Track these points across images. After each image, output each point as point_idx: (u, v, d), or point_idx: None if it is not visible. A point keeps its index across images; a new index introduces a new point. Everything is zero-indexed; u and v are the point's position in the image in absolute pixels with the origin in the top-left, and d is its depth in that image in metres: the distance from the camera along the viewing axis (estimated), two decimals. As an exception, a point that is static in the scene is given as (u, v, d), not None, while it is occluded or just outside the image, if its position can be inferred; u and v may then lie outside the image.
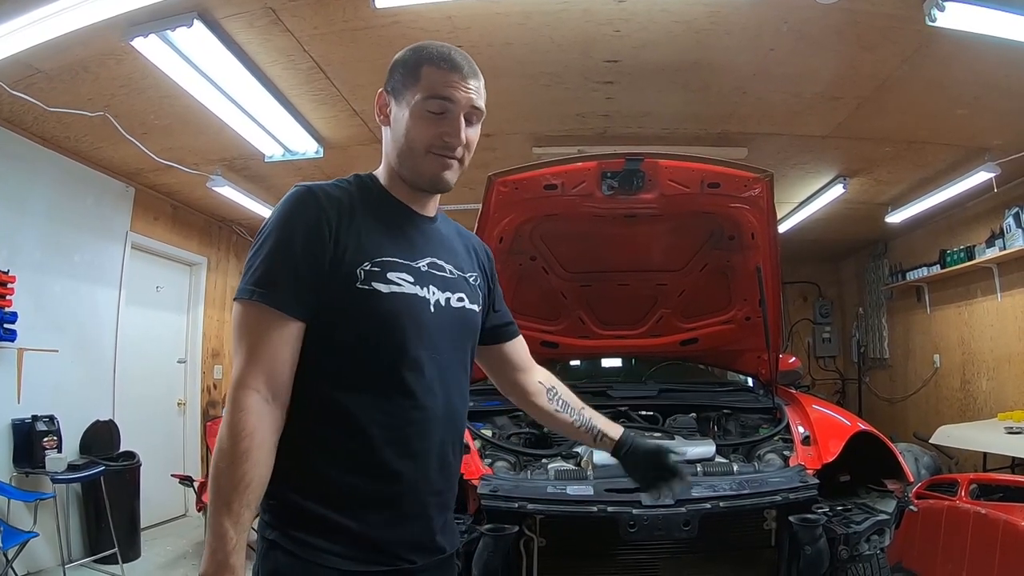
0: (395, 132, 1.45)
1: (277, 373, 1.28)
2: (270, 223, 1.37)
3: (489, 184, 2.93)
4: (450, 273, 1.51)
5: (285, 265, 1.31)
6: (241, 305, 1.32)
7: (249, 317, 1.31)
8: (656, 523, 2.41)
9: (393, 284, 1.37)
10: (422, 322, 1.40)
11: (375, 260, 1.36)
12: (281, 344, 1.29)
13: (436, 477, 1.42)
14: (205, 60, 3.47)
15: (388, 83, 1.48)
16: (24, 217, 4.56)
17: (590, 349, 3.95)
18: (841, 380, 9.08)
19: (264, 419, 1.25)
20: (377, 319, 1.35)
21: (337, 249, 1.33)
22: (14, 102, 3.89)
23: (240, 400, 1.24)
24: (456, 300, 1.49)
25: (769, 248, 3.20)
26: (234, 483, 1.20)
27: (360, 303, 1.33)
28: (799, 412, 3.22)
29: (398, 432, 1.35)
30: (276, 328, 1.29)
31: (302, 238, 1.32)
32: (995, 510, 3.24)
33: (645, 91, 4.10)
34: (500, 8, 3.19)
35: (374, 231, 1.40)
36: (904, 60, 3.64)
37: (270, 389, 1.27)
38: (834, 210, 6.40)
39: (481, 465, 2.77)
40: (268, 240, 1.34)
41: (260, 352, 1.28)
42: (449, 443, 1.46)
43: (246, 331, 1.30)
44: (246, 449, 1.21)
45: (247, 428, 1.22)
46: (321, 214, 1.35)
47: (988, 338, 6.25)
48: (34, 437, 4.35)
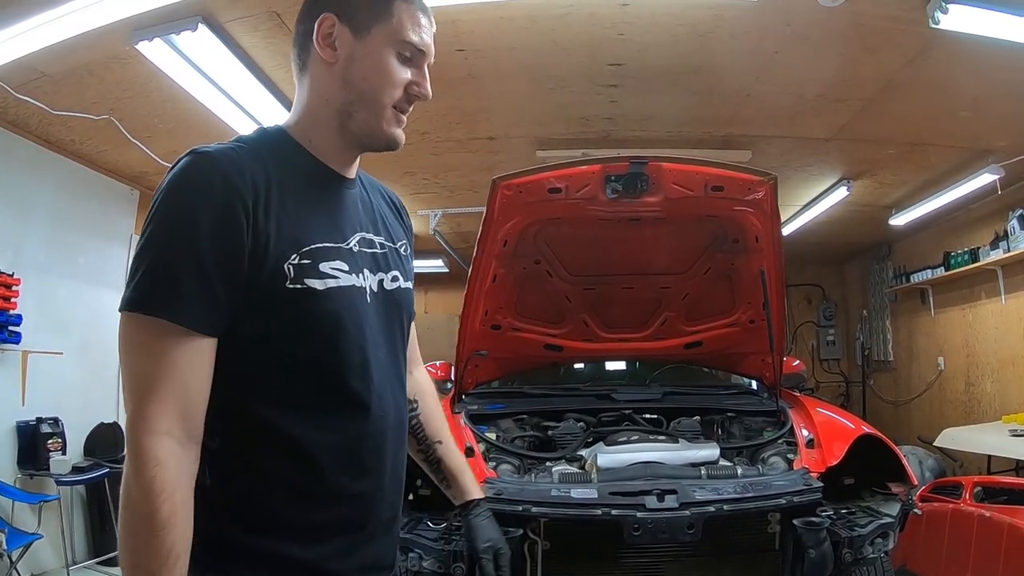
0: (349, 73, 1.17)
1: (190, 408, 1.02)
2: (160, 207, 1.05)
3: (493, 188, 2.93)
4: (380, 248, 1.27)
5: (189, 264, 1.01)
6: (132, 320, 1.02)
7: (145, 336, 1.01)
8: (660, 526, 2.41)
9: (328, 277, 1.12)
10: (363, 318, 1.18)
11: (303, 250, 1.10)
12: (191, 369, 1.02)
13: (391, 492, 1.24)
14: (209, 64, 3.47)
15: (338, 7, 1.17)
16: (29, 220, 4.57)
17: (594, 352, 3.94)
18: (845, 383, 9.06)
19: (183, 470, 1.01)
20: (315, 324, 1.11)
21: (257, 240, 1.05)
22: (19, 105, 3.91)
23: (150, 451, 0.97)
24: (390, 281, 1.27)
25: (773, 251, 3.20)
26: (160, 559, 0.96)
27: (292, 307, 1.08)
28: (803, 415, 3.21)
29: (350, 451, 1.15)
30: (183, 349, 1.01)
31: (209, 227, 1.02)
32: (999, 513, 3.24)
33: (649, 94, 4.11)
34: (505, 12, 3.20)
35: (297, 208, 1.13)
36: (908, 62, 3.64)
37: (185, 429, 1.01)
38: (838, 212, 6.40)
39: (485, 468, 2.77)
40: (161, 230, 1.04)
41: (166, 382, 1.00)
42: (400, 453, 1.28)
43: (143, 355, 1.02)
44: (169, 514, 0.97)
45: (167, 487, 0.97)
46: (232, 193, 1.04)
47: (992, 340, 6.24)
48: (38, 439, 4.36)
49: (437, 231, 6.46)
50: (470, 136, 4.72)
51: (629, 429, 3.21)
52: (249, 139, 1.18)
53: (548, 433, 3.31)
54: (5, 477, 4.21)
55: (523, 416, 3.49)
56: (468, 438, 2.97)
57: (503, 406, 3.54)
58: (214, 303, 1.03)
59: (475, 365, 3.63)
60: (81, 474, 4.48)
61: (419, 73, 1.22)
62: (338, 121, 1.20)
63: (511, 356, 3.77)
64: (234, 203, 1.04)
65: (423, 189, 5.82)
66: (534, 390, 3.79)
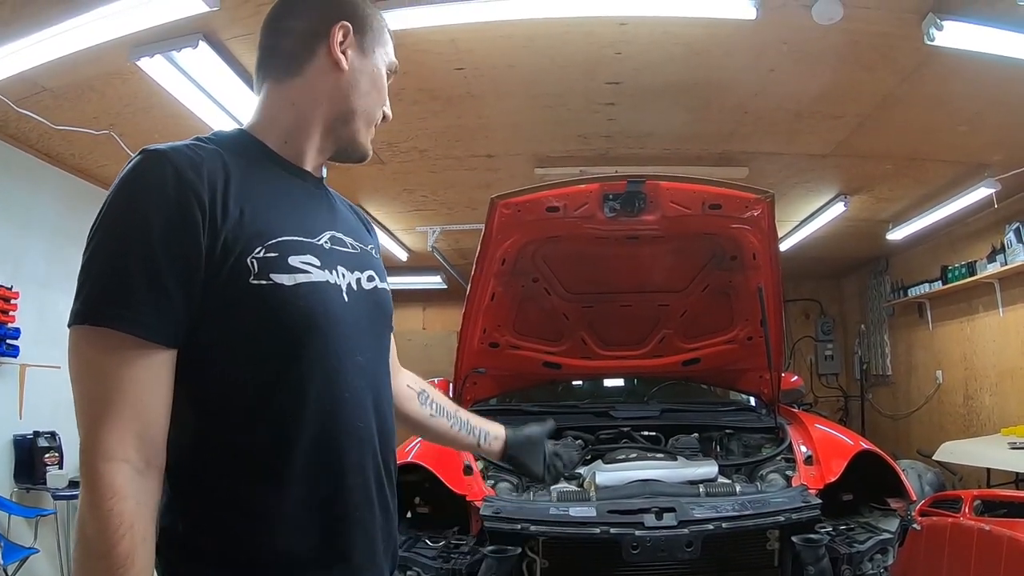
0: (354, 87, 1.17)
1: (149, 430, 0.93)
2: (108, 210, 0.97)
3: (492, 206, 2.95)
4: (352, 247, 1.18)
5: (139, 268, 0.93)
6: (80, 334, 0.94)
7: (96, 352, 0.92)
8: (659, 544, 2.41)
9: (298, 272, 1.02)
10: (338, 317, 1.07)
11: (269, 243, 1.01)
12: (148, 386, 0.93)
13: (379, 510, 1.13)
14: (210, 80, 3.49)
15: (351, 19, 1.17)
16: (28, 233, 4.57)
17: (592, 370, 3.95)
18: (844, 397, 9.05)
19: (143, 500, 0.91)
20: (284, 322, 1.00)
21: (215, 236, 0.97)
22: (20, 119, 3.92)
23: (106, 479, 0.88)
24: (367, 280, 1.18)
25: (770, 268, 3.21)
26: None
27: (258, 304, 0.98)
28: (801, 431, 3.22)
29: (328, 468, 1.05)
30: (139, 362, 0.92)
31: (161, 226, 0.94)
32: (999, 526, 3.23)
33: (647, 112, 4.13)
34: (504, 31, 3.22)
35: (261, 203, 1.05)
36: (903, 79, 3.66)
37: (143, 455, 0.92)
38: (835, 228, 6.41)
39: (484, 486, 2.77)
40: (110, 235, 0.96)
41: (121, 403, 0.91)
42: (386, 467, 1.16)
43: (95, 373, 0.92)
44: (128, 551, 0.87)
45: (124, 520, 0.88)
46: (186, 188, 0.96)
47: (991, 353, 6.25)
48: (35, 453, 4.34)
49: (435, 248, 6.46)
50: (469, 153, 4.74)
51: (627, 447, 3.21)
52: (207, 137, 1.10)
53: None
54: (2, 491, 4.20)
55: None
56: (466, 456, 2.97)
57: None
58: (169, 310, 0.94)
59: (473, 382, 3.63)
60: (78, 488, 4.44)
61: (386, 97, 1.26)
62: (328, 126, 1.18)
63: (509, 373, 3.77)
64: (188, 200, 0.96)
65: (422, 206, 5.84)
66: (532, 407, 3.79)
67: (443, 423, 1.53)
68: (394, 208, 5.79)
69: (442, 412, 1.53)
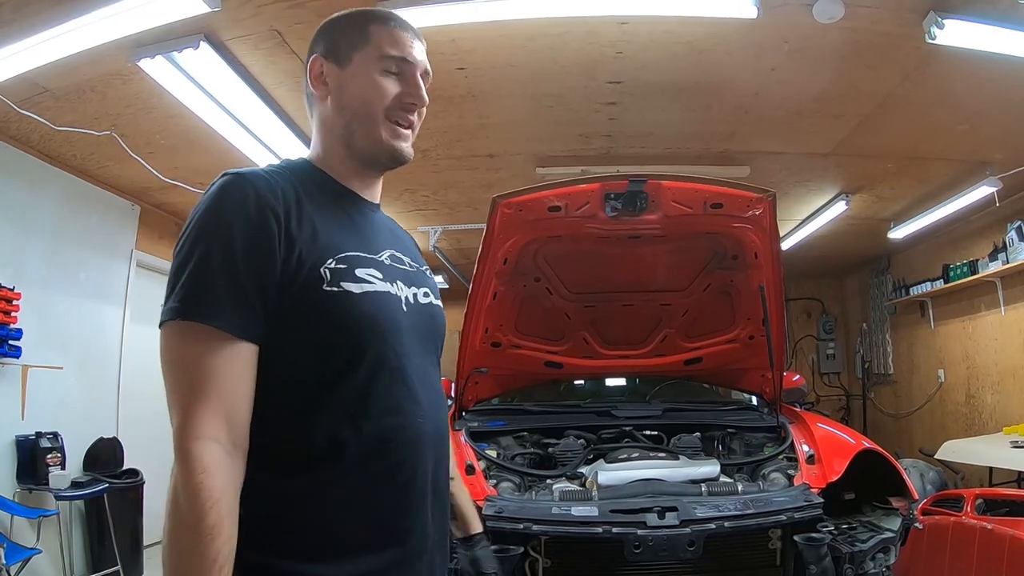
0: (342, 99, 1.25)
1: (236, 413, 1.03)
2: (197, 222, 1.10)
3: (493, 206, 2.94)
4: (410, 267, 1.31)
5: (226, 273, 1.04)
6: (173, 329, 1.04)
7: (187, 343, 1.03)
8: (661, 544, 2.40)
9: (364, 282, 1.14)
10: (399, 324, 1.19)
11: (339, 256, 1.14)
12: (234, 374, 1.03)
13: (432, 505, 1.21)
14: (211, 81, 3.50)
15: (321, 48, 1.29)
16: (30, 234, 4.58)
17: (594, 369, 3.95)
18: (846, 396, 9.05)
19: (230, 478, 1.00)
20: (353, 325, 1.11)
21: (291, 247, 1.09)
22: (21, 120, 3.92)
23: (197, 456, 0.97)
24: (423, 296, 1.30)
25: (772, 267, 3.21)
26: (206, 566, 0.95)
27: (330, 308, 1.10)
28: (803, 430, 3.21)
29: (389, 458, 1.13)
30: (226, 354, 1.03)
31: (244, 237, 1.06)
32: (1001, 525, 3.22)
33: (648, 111, 4.14)
34: (504, 31, 3.22)
35: (327, 222, 1.18)
36: (905, 77, 3.66)
37: (231, 436, 1.01)
38: (837, 227, 6.42)
39: (486, 486, 2.77)
40: (199, 243, 1.07)
41: (210, 388, 1.01)
42: (440, 464, 1.25)
43: (187, 362, 1.02)
44: (216, 523, 0.96)
45: (214, 494, 0.96)
46: (265, 206, 1.09)
47: (992, 352, 6.25)
48: (38, 454, 4.35)
49: (437, 248, 6.47)
50: (470, 153, 4.75)
51: (629, 446, 3.20)
52: (278, 165, 1.24)
53: (548, 450, 3.31)
54: (4, 491, 4.20)
55: (523, 433, 3.49)
56: (468, 455, 2.97)
57: (503, 423, 3.54)
58: (250, 310, 1.05)
59: (475, 382, 3.63)
60: (80, 489, 4.47)
61: (409, 82, 1.27)
62: (344, 144, 1.26)
63: (511, 373, 3.77)
64: (265, 214, 1.08)
65: (423, 206, 5.84)
66: (534, 407, 3.79)
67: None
68: (396, 208, 5.79)
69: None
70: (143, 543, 5.20)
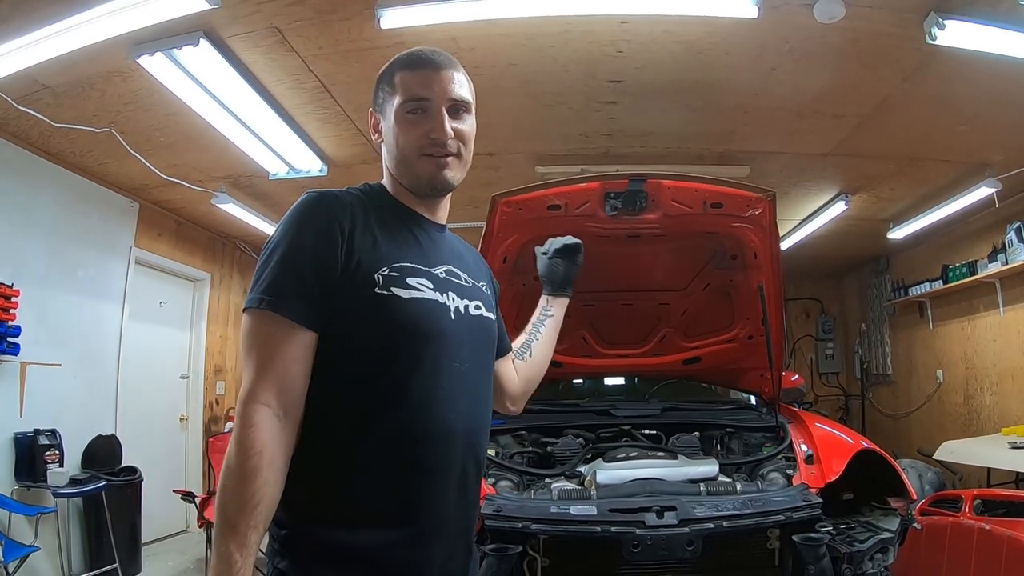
0: (388, 145, 1.43)
1: (289, 386, 1.21)
2: (280, 230, 1.31)
3: (493, 204, 2.94)
4: (465, 282, 1.46)
5: (295, 272, 1.25)
6: (250, 315, 1.25)
7: (258, 327, 1.24)
8: (660, 543, 2.40)
9: (413, 289, 1.31)
10: (443, 329, 1.33)
11: (393, 265, 1.30)
12: (292, 355, 1.22)
13: (456, 497, 1.34)
14: (211, 79, 3.50)
15: (374, 101, 1.47)
16: (29, 231, 4.58)
17: (593, 368, 3.94)
18: (844, 396, 9.05)
19: (275, 436, 1.18)
20: (398, 326, 1.27)
21: (351, 254, 1.27)
22: (20, 117, 3.92)
23: (249, 415, 1.17)
24: (474, 308, 1.44)
25: (771, 267, 3.21)
26: (241, 503, 1.12)
27: (379, 309, 1.26)
28: (802, 430, 3.21)
29: (415, 446, 1.28)
30: (286, 338, 1.22)
31: (312, 243, 1.26)
32: (999, 526, 3.23)
33: (647, 111, 4.13)
34: (504, 29, 3.22)
35: (389, 236, 1.35)
36: (905, 78, 3.66)
37: (281, 404, 1.20)
38: (836, 227, 6.42)
39: (484, 485, 2.77)
40: (278, 247, 1.28)
41: (270, 364, 1.20)
42: (470, 461, 1.37)
43: (255, 342, 1.23)
44: (255, 467, 1.14)
45: (256, 445, 1.15)
46: (332, 218, 1.29)
47: (991, 353, 6.25)
48: (36, 451, 4.35)
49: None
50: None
51: (628, 445, 3.20)
52: (357, 187, 1.42)
53: (547, 449, 3.30)
54: (2, 489, 4.20)
55: (522, 432, 3.48)
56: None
57: (502, 422, 3.53)
58: (311, 303, 1.23)
59: (474, 380, 3.62)
60: (78, 486, 4.47)
61: (429, 120, 1.38)
62: (396, 179, 1.45)
63: (510, 371, 3.76)
64: (332, 225, 1.28)
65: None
66: (533, 406, 3.73)
67: (536, 354, 1.92)
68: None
69: (527, 348, 1.90)
70: (141, 540, 5.20)
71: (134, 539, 5.07)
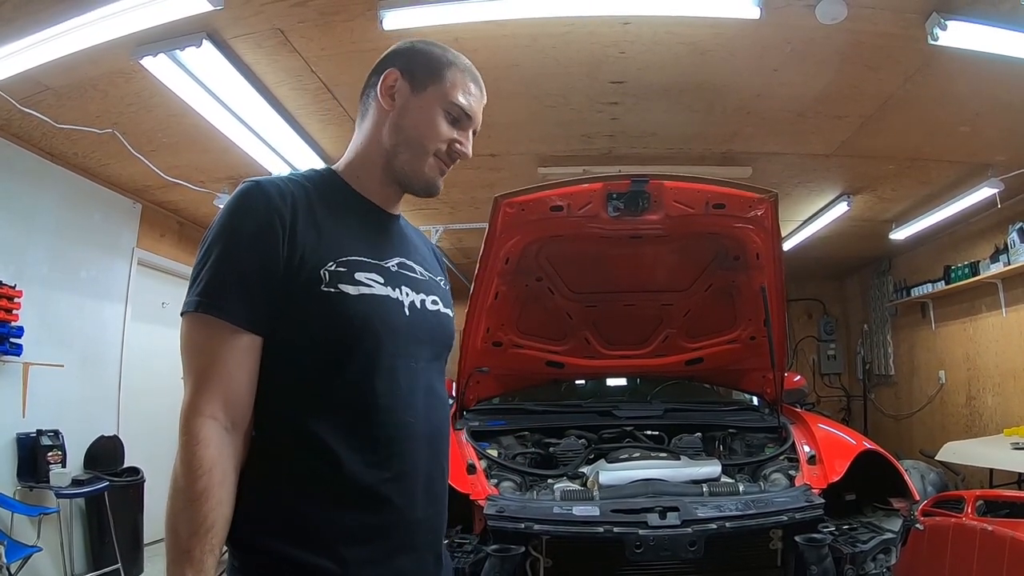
0: (402, 120, 1.33)
1: (235, 396, 1.14)
2: (215, 225, 1.21)
3: (495, 205, 2.94)
4: (420, 275, 1.37)
5: (233, 271, 1.16)
6: (187, 319, 1.17)
7: (197, 332, 1.15)
8: (662, 544, 2.40)
9: (362, 285, 1.22)
10: (396, 326, 1.25)
11: (340, 260, 1.22)
12: (236, 362, 1.14)
13: (423, 504, 1.26)
14: (213, 80, 3.49)
15: (400, 64, 1.36)
16: (31, 232, 4.58)
17: (596, 369, 3.95)
18: (846, 397, 9.04)
19: (224, 451, 1.11)
20: (345, 324, 1.19)
21: (294, 250, 1.18)
22: (23, 118, 3.92)
23: (195, 430, 1.09)
24: (431, 303, 1.35)
25: (774, 268, 3.21)
26: (194, 527, 1.05)
27: (325, 308, 1.18)
28: (804, 431, 3.22)
29: (376, 453, 1.19)
30: (229, 343, 1.14)
31: (250, 239, 1.17)
32: (1002, 526, 3.22)
33: (650, 111, 4.13)
34: (507, 30, 3.22)
35: (336, 228, 1.26)
36: (907, 79, 3.66)
37: (228, 415, 1.13)
38: (838, 227, 6.41)
39: (487, 485, 2.77)
40: (214, 245, 1.18)
41: (213, 372, 1.12)
42: (435, 464, 1.30)
43: (195, 349, 1.15)
44: (205, 487, 1.07)
45: (205, 463, 1.07)
46: (272, 210, 1.19)
47: (993, 354, 6.25)
48: (38, 451, 4.35)
49: (438, 247, 6.45)
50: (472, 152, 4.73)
51: (630, 446, 3.21)
52: (298, 173, 1.34)
53: (550, 450, 3.31)
54: (5, 489, 4.20)
55: (524, 433, 3.49)
56: (470, 455, 2.97)
57: (504, 423, 3.54)
58: (252, 304, 1.15)
59: (476, 381, 3.63)
60: (81, 487, 4.47)
61: (463, 134, 1.36)
62: (385, 159, 1.34)
63: (512, 373, 3.77)
64: (272, 217, 1.18)
65: (425, 205, 5.79)
66: (535, 407, 3.79)
67: None
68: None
69: None
70: (143, 541, 5.20)
71: (136, 540, 5.06)
